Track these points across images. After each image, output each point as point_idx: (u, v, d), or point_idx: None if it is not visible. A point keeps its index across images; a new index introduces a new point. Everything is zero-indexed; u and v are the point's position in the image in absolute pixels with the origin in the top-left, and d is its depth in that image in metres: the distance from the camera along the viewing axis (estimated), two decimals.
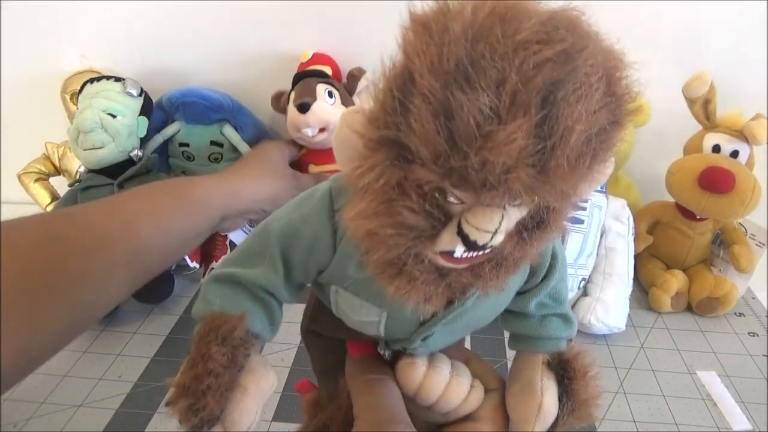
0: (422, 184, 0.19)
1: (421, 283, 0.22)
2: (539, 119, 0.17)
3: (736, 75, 0.63)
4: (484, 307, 0.27)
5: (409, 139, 0.18)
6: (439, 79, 0.17)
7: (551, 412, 0.28)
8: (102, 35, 0.71)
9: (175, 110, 0.66)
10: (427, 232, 0.20)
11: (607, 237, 0.55)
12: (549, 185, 0.18)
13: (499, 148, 0.16)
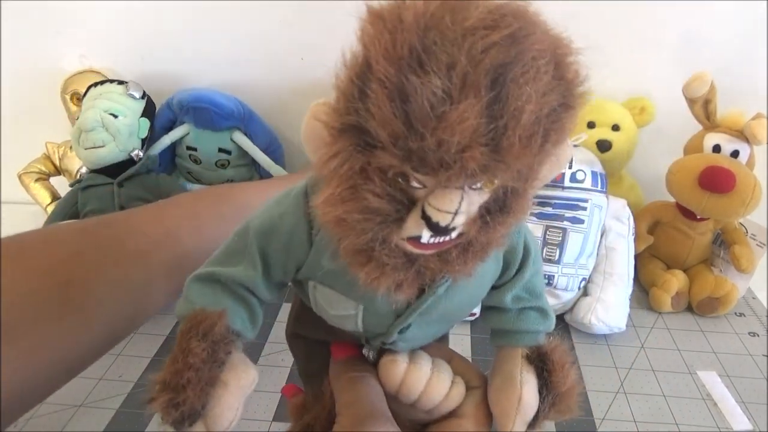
0: (385, 169, 0.20)
1: (391, 269, 0.23)
2: (490, 99, 0.18)
3: (737, 75, 0.63)
4: (457, 297, 0.28)
5: (369, 124, 0.19)
6: (394, 64, 0.18)
7: (531, 404, 0.28)
8: (102, 35, 0.71)
9: (184, 113, 0.66)
10: (392, 216, 0.21)
11: (608, 237, 0.55)
12: (504, 164, 0.19)
13: (453, 127, 0.17)
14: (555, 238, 0.53)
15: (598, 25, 0.66)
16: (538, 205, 0.54)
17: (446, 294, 0.27)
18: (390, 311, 0.28)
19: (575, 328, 0.56)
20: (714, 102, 0.56)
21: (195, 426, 0.25)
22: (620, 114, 0.65)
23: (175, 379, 0.24)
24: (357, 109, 0.19)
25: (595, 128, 0.64)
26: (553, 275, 0.53)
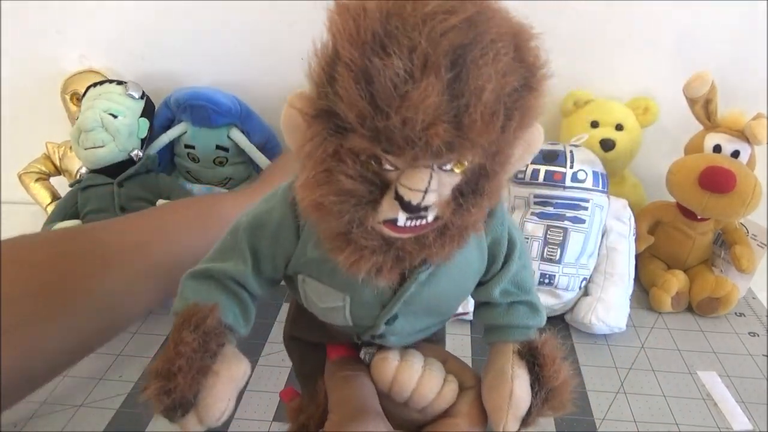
0: (357, 152, 0.21)
1: (369, 252, 0.23)
2: (450, 79, 0.18)
3: (737, 75, 0.63)
4: (440, 286, 0.28)
5: (338, 107, 0.20)
6: (358, 48, 0.19)
7: (523, 398, 0.28)
8: (102, 35, 0.71)
9: (182, 111, 0.66)
10: (366, 198, 0.22)
11: (609, 237, 0.55)
12: (467, 141, 0.19)
13: (416, 105, 0.18)
14: (556, 238, 0.53)
15: (600, 25, 0.66)
16: (539, 205, 0.54)
17: (428, 282, 0.27)
18: (375, 301, 0.28)
19: (575, 328, 0.56)
20: (715, 102, 0.56)
21: (187, 417, 0.25)
22: (624, 114, 0.65)
23: (167, 367, 0.24)
24: (327, 94, 0.20)
25: (599, 128, 0.64)
26: (554, 275, 0.53)
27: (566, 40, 0.68)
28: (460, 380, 0.31)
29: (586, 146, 0.59)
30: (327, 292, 0.28)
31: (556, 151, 0.56)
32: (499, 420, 0.28)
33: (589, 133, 0.62)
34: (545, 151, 0.56)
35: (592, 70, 0.69)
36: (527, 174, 0.55)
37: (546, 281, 0.53)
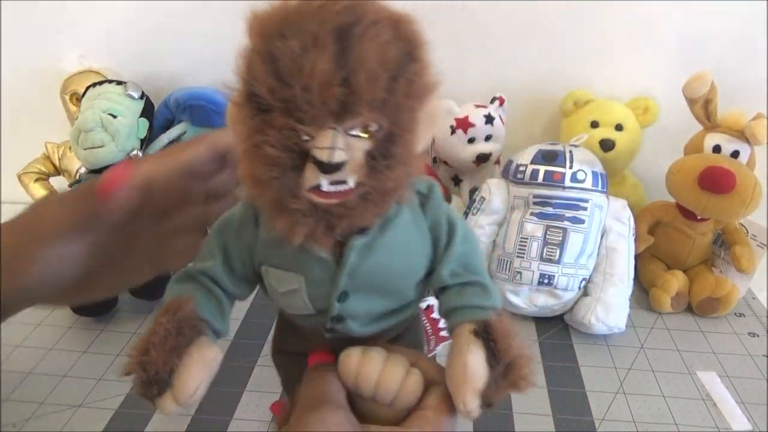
0: (278, 127, 0.24)
1: (302, 217, 0.26)
2: (338, 51, 0.23)
3: (737, 75, 0.63)
4: (381, 259, 0.30)
5: (255, 88, 0.24)
6: (264, 37, 0.24)
7: (478, 372, 0.28)
8: (101, 35, 0.72)
9: (181, 111, 0.66)
10: (290, 165, 0.25)
11: (608, 237, 0.55)
12: (358, 100, 0.23)
13: (310, 74, 0.23)
14: (555, 238, 0.53)
15: (600, 25, 0.66)
16: (539, 205, 0.54)
17: (367, 253, 0.30)
18: (325, 277, 0.30)
19: (575, 329, 0.56)
20: (714, 102, 0.56)
21: (163, 396, 0.28)
22: (624, 114, 0.65)
23: (143, 344, 0.28)
24: (248, 80, 0.25)
25: (599, 128, 0.64)
26: (554, 275, 0.53)
27: (566, 40, 0.68)
28: (430, 377, 0.31)
29: (586, 146, 0.59)
30: (284, 276, 0.31)
31: (556, 152, 0.56)
32: (459, 397, 0.29)
33: (588, 133, 0.62)
34: (545, 151, 0.56)
35: (592, 70, 0.69)
36: (527, 174, 0.55)
37: (545, 281, 0.53)
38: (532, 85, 0.71)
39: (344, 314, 0.31)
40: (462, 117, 0.63)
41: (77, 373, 0.51)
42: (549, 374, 0.50)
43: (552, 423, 0.45)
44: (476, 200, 0.57)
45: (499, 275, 0.56)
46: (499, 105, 0.66)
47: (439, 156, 0.68)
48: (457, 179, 0.70)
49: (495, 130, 0.64)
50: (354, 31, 0.23)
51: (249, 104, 0.25)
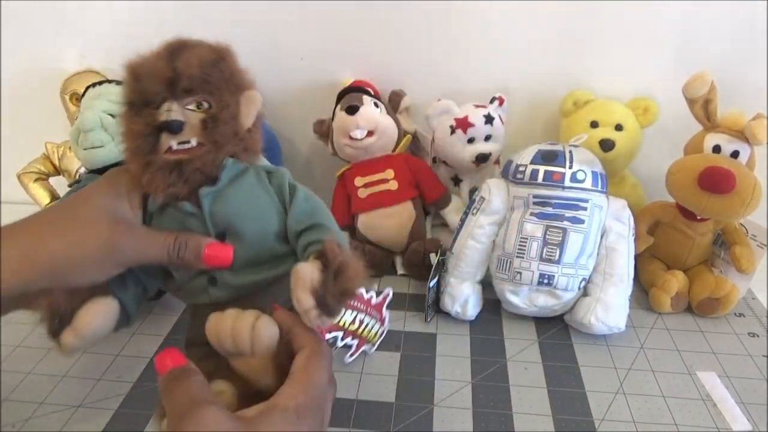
0: (140, 113, 0.38)
1: (161, 172, 0.37)
2: (169, 57, 0.38)
3: (737, 75, 0.63)
4: (232, 206, 0.39)
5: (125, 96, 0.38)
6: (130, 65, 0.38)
7: (306, 273, 0.34)
8: (102, 35, 0.71)
9: None
10: (147, 133, 0.37)
11: (608, 237, 0.55)
12: (181, 82, 0.37)
13: (153, 71, 0.37)
14: (555, 238, 0.53)
15: (600, 25, 0.66)
16: (539, 205, 0.54)
17: (219, 200, 0.39)
18: (199, 227, 0.39)
19: (575, 329, 0.56)
20: (714, 102, 0.56)
21: (65, 330, 0.35)
22: (623, 114, 0.65)
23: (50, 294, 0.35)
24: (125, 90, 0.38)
25: (599, 128, 0.64)
26: (554, 275, 0.53)
27: (566, 39, 0.68)
28: (300, 342, 0.34)
29: (586, 146, 0.59)
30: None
31: (556, 152, 0.56)
32: (294, 298, 0.34)
33: (588, 133, 0.62)
34: (544, 151, 0.56)
35: (592, 70, 0.69)
36: (526, 174, 0.55)
37: (545, 281, 0.53)
38: (532, 85, 0.71)
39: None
40: (461, 117, 0.63)
41: (76, 374, 0.51)
42: (549, 374, 0.50)
43: (552, 423, 0.45)
44: (476, 200, 0.57)
45: (499, 275, 0.56)
46: (499, 105, 0.66)
47: (439, 156, 0.68)
48: (457, 179, 0.70)
49: (495, 130, 0.64)
50: (181, 47, 0.38)
51: (126, 107, 0.39)
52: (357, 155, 0.65)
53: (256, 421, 0.31)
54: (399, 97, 0.69)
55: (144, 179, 0.37)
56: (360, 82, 0.69)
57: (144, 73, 0.37)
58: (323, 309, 0.34)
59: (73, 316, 0.35)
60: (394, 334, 0.55)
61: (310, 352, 0.34)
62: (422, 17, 0.67)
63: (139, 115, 0.37)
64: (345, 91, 0.66)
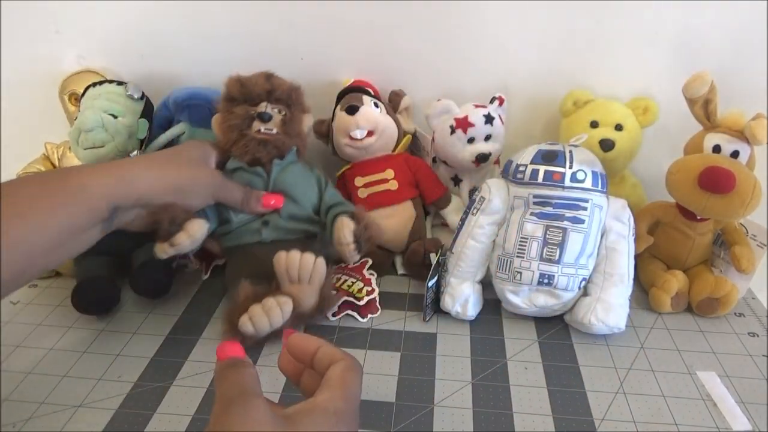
0: (239, 106, 0.59)
1: (251, 143, 0.58)
2: (266, 78, 0.60)
3: (737, 75, 0.63)
4: (290, 177, 0.59)
5: (232, 93, 0.59)
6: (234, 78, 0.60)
7: (348, 222, 0.55)
8: (101, 36, 0.71)
9: (180, 111, 0.66)
10: (246, 117, 0.58)
11: (608, 237, 0.55)
12: (274, 95, 0.59)
13: (257, 84, 0.59)
14: (555, 238, 0.53)
15: (600, 25, 0.66)
16: (539, 205, 0.54)
17: (282, 171, 0.59)
18: (262, 186, 0.59)
19: (575, 328, 0.56)
20: (714, 102, 0.56)
21: (179, 233, 0.51)
22: (623, 114, 0.65)
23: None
24: (226, 92, 0.59)
25: (599, 128, 0.64)
26: (554, 275, 0.53)
27: (566, 39, 0.68)
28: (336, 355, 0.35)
29: (586, 146, 0.59)
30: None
31: (556, 151, 0.56)
32: (340, 234, 0.55)
33: (588, 133, 0.62)
34: (545, 151, 0.56)
35: (592, 70, 0.69)
36: (526, 174, 0.55)
37: (545, 281, 0.53)
38: (532, 85, 0.71)
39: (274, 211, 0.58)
40: (461, 117, 0.63)
41: (76, 374, 0.51)
42: (549, 374, 0.51)
43: (552, 423, 0.45)
44: (476, 200, 0.57)
45: (499, 275, 0.56)
46: (499, 105, 0.66)
47: (439, 156, 0.68)
48: (457, 179, 0.70)
49: (494, 129, 0.64)
50: (272, 75, 0.60)
51: (226, 103, 0.59)
52: (357, 155, 0.65)
53: (298, 419, 0.31)
54: (399, 97, 0.69)
55: (236, 147, 0.57)
56: (360, 82, 0.69)
57: (249, 83, 0.58)
58: (357, 246, 0.55)
59: (183, 225, 0.51)
60: (394, 334, 0.56)
61: (347, 366, 0.35)
62: (422, 17, 0.67)
63: (237, 107, 0.58)
64: (345, 91, 0.66)
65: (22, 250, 0.39)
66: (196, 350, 0.53)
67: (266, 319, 0.49)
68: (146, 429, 0.45)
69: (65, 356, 0.53)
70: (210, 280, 0.65)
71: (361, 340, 0.55)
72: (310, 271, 0.52)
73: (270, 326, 0.50)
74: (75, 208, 0.42)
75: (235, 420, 0.29)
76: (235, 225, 0.58)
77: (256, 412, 0.30)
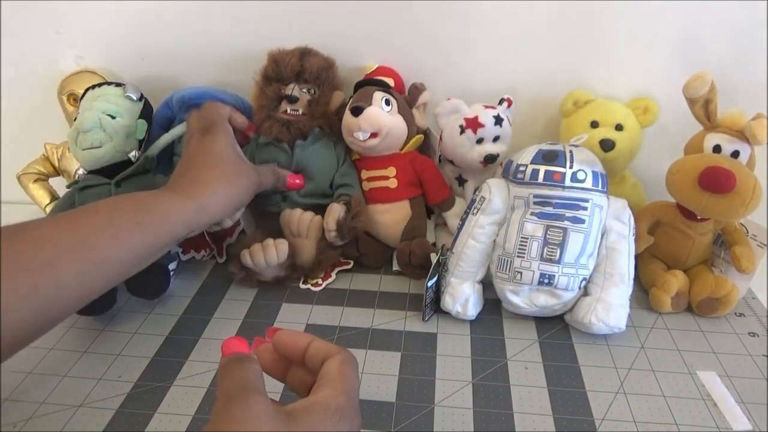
0: (272, 85, 0.64)
1: (277, 124, 0.62)
2: (300, 57, 0.64)
3: (737, 75, 0.63)
4: (311, 154, 0.64)
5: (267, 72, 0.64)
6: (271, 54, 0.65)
7: (336, 208, 0.60)
8: (101, 36, 0.71)
9: (184, 111, 0.66)
10: (275, 99, 0.64)
11: (608, 237, 0.55)
12: (305, 74, 0.64)
13: (289, 65, 0.63)
14: (556, 238, 0.53)
15: (600, 25, 0.66)
16: (539, 205, 0.54)
17: (304, 149, 0.64)
18: (286, 161, 0.63)
19: (575, 328, 0.56)
20: (714, 102, 0.56)
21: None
22: (623, 114, 0.65)
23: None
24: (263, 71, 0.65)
25: (599, 128, 0.64)
26: (554, 275, 0.53)
27: (566, 40, 0.68)
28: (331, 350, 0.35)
29: (586, 146, 0.59)
30: (265, 165, 0.61)
31: (556, 151, 0.56)
32: (325, 223, 0.61)
33: (588, 133, 0.62)
34: (545, 151, 0.56)
35: (592, 70, 0.69)
36: (527, 174, 0.55)
37: (545, 281, 0.53)
38: (533, 85, 0.71)
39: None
40: (471, 117, 0.63)
41: (77, 374, 0.51)
42: (549, 374, 0.51)
43: (552, 423, 0.45)
44: (476, 200, 0.57)
45: (499, 275, 0.56)
46: (507, 107, 0.66)
47: (446, 155, 0.68)
48: (462, 179, 0.70)
49: (503, 131, 0.64)
50: (307, 52, 0.64)
51: (261, 81, 0.64)
52: (363, 152, 0.65)
53: (299, 416, 0.31)
54: (418, 91, 0.68)
55: (263, 127, 0.63)
56: (384, 70, 0.68)
57: (282, 62, 0.62)
58: (339, 234, 0.59)
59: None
60: (394, 334, 0.56)
61: (343, 359, 0.34)
62: (422, 18, 0.67)
63: (271, 85, 0.63)
64: (361, 83, 0.66)
65: (113, 267, 0.43)
66: (196, 350, 0.53)
67: (262, 255, 0.57)
68: (146, 429, 0.45)
69: (65, 356, 0.53)
70: (211, 280, 0.65)
71: (361, 340, 0.55)
72: (308, 226, 0.60)
73: (266, 262, 0.57)
74: (159, 233, 0.46)
75: (236, 416, 0.29)
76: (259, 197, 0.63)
77: (257, 408, 0.30)
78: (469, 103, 0.65)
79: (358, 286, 0.63)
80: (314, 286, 0.62)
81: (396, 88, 0.67)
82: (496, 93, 0.67)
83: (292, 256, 0.60)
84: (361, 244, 0.65)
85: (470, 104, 0.65)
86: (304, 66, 0.62)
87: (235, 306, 0.59)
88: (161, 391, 0.48)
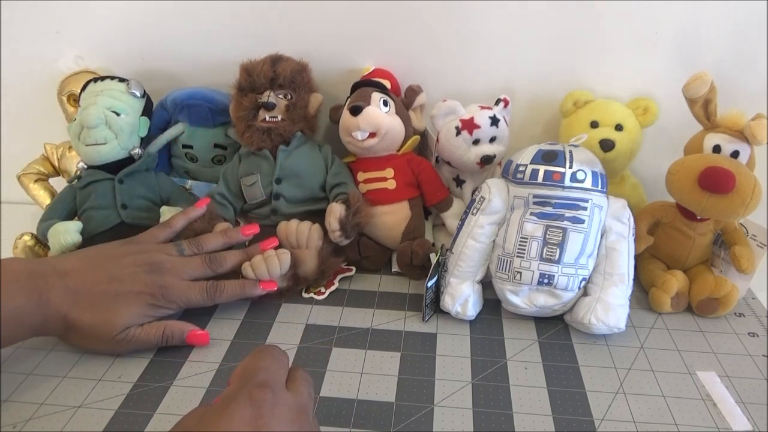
0: (246, 95, 0.63)
1: (257, 134, 0.62)
2: (271, 63, 0.63)
3: (737, 75, 0.63)
4: (297, 161, 0.63)
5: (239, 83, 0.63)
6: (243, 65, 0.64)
7: (336, 208, 0.59)
8: (101, 36, 0.71)
9: (179, 111, 0.66)
10: (251, 107, 0.62)
11: (608, 237, 0.55)
12: (278, 80, 0.62)
13: (261, 72, 0.62)
14: (555, 238, 0.53)
15: (600, 25, 0.66)
16: (539, 205, 0.54)
17: (289, 156, 0.63)
18: (269, 171, 0.62)
19: (575, 329, 0.56)
20: (714, 102, 0.56)
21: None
22: (623, 114, 0.65)
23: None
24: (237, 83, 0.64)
25: (599, 128, 0.64)
26: (554, 275, 0.53)
27: (566, 40, 0.68)
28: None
29: (586, 146, 0.59)
30: (250, 177, 0.63)
31: (556, 151, 0.56)
32: (327, 223, 0.60)
33: (588, 134, 0.62)
34: (545, 151, 0.56)
35: (591, 71, 0.69)
36: (526, 174, 0.55)
37: (545, 281, 0.53)
38: (532, 85, 0.71)
39: (280, 192, 0.63)
40: (467, 118, 0.63)
41: (77, 374, 0.51)
42: (549, 374, 0.51)
43: (552, 423, 0.45)
44: (476, 200, 0.57)
45: (499, 275, 0.56)
46: (504, 107, 0.66)
47: (443, 156, 0.68)
48: (459, 180, 0.70)
49: (500, 131, 0.64)
50: (279, 59, 0.63)
51: (237, 93, 0.63)
52: (360, 153, 0.65)
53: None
54: (415, 93, 0.68)
55: (244, 138, 0.62)
56: (380, 72, 0.68)
57: (254, 71, 0.61)
58: (343, 232, 0.59)
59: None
60: (394, 334, 0.56)
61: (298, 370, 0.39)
62: (419, 19, 0.67)
63: (246, 96, 0.62)
64: (358, 84, 0.66)
65: None
66: (195, 351, 0.53)
67: (264, 266, 0.56)
68: (146, 429, 0.45)
69: (65, 357, 0.53)
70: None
71: (361, 340, 0.55)
72: (307, 236, 0.59)
73: (268, 274, 0.56)
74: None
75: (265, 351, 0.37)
76: (247, 208, 0.65)
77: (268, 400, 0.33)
78: (468, 104, 0.65)
79: (358, 287, 0.63)
80: (317, 295, 0.61)
81: (392, 90, 0.67)
82: (496, 94, 0.66)
83: (294, 267, 0.59)
84: (363, 246, 0.65)
85: (468, 106, 0.65)
86: (277, 71, 0.61)
87: (234, 306, 0.59)
88: (161, 392, 0.48)
